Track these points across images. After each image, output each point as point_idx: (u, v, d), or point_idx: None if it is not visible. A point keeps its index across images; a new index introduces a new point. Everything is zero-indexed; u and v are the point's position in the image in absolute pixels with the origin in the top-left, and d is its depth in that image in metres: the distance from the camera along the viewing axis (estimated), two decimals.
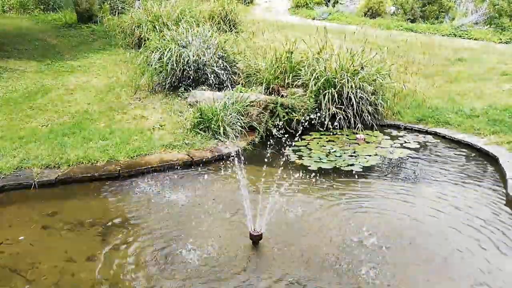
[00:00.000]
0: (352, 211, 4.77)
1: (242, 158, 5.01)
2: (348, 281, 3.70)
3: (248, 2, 17.37)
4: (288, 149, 6.07)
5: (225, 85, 7.21)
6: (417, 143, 6.60)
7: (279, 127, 6.35)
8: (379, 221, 4.59)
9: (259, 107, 6.72)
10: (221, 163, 5.68)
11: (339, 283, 3.68)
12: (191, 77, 7.56)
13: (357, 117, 6.89)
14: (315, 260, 3.95)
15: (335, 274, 3.78)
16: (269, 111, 6.75)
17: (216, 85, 7.45)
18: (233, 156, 4.57)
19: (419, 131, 7.00)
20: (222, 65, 7.60)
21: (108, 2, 13.08)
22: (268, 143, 5.47)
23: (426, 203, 4.94)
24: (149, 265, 3.86)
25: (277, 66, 7.60)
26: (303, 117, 6.62)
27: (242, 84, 7.55)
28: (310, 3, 17.03)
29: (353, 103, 6.85)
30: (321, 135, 6.78)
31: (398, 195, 5.16)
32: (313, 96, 7.04)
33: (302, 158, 6.03)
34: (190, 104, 7.09)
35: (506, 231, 4.41)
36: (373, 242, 4.19)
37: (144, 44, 8.66)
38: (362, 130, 6.84)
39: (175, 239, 4.20)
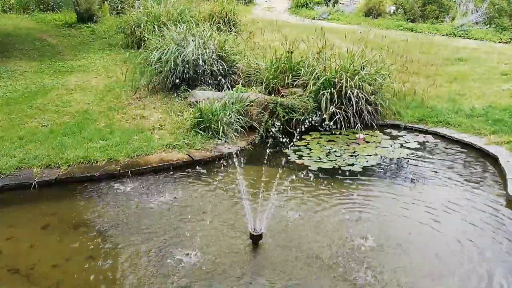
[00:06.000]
0: (352, 211, 4.77)
1: (242, 158, 5.01)
2: (347, 283, 3.70)
3: (248, 2, 17.36)
4: (288, 149, 6.06)
5: (225, 84, 7.21)
6: (417, 143, 6.60)
7: (279, 127, 6.35)
8: (378, 221, 4.59)
9: (259, 107, 6.72)
10: (221, 163, 5.67)
11: (337, 285, 3.68)
12: (191, 77, 7.55)
13: (357, 117, 6.88)
14: (314, 261, 3.95)
15: (334, 275, 3.78)
16: (269, 111, 6.75)
17: (216, 85, 7.45)
18: (233, 156, 4.56)
19: (419, 131, 7.00)
20: (221, 65, 7.60)
21: (108, 2, 13.08)
22: (268, 143, 5.47)
23: (426, 203, 4.94)
24: (149, 264, 3.86)
25: (277, 66, 7.60)
26: (303, 117, 6.62)
27: (242, 84, 7.55)
28: (310, 3, 17.02)
29: (353, 103, 6.85)
30: (321, 135, 6.78)
31: (398, 195, 5.15)
32: (313, 96, 7.04)
33: (302, 158, 6.03)
34: (190, 104, 7.09)
35: (506, 231, 4.41)
36: (372, 243, 4.18)
37: (144, 44, 8.65)
38: (362, 130, 6.84)
39: (178, 238, 4.20)
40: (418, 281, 3.74)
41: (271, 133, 5.70)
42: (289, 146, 5.92)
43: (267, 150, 4.62)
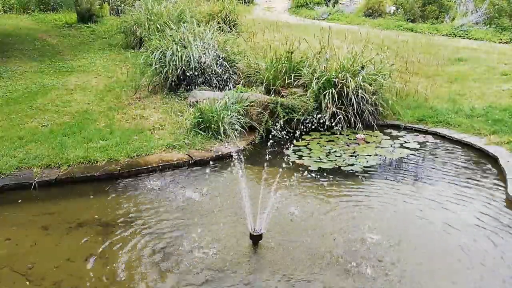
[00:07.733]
0: (352, 211, 4.77)
1: (242, 158, 5.01)
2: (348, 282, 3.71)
3: (248, 2, 17.36)
4: (288, 149, 6.06)
5: (225, 85, 7.21)
6: (417, 143, 6.59)
7: (279, 127, 6.35)
8: (378, 221, 4.58)
9: (259, 107, 6.71)
10: (221, 163, 5.67)
11: (339, 285, 3.68)
12: (191, 77, 7.55)
13: (358, 117, 6.89)
14: (314, 260, 3.95)
15: (334, 274, 3.78)
16: (269, 111, 6.74)
17: (216, 85, 7.45)
18: (233, 156, 4.56)
19: (419, 131, 7.00)
20: (222, 65, 7.60)
21: (108, 2, 13.09)
22: (268, 143, 5.47)
23: (425, 203, 4.94)
24: (149, 264, 3.86)
25: (277, 66, 7.60)
26: (303, 117, 6.62)
27: (242, 84, 7.55)
28: (310, 3, 17.03)
29: (353, 103, 6.85)
30: (321, 135, 6.78)
31: (398, 195, 5.15)
32: (314, 96, 7.04)
33: (302, 158, 6.03)
34: (190, 104, 7.09)
35: (506, 231, 4.41)
36: (372, 242, 4.18)
37: (144, 44, 8.66)
38: (362, 130, 6.84)
39: (176, 238, 4.20)
40: (415, 276, 3.75)
41: (271, 133, 5.72)
42: (289, 146, 5.93)
43: (267, 150, 4.62)
